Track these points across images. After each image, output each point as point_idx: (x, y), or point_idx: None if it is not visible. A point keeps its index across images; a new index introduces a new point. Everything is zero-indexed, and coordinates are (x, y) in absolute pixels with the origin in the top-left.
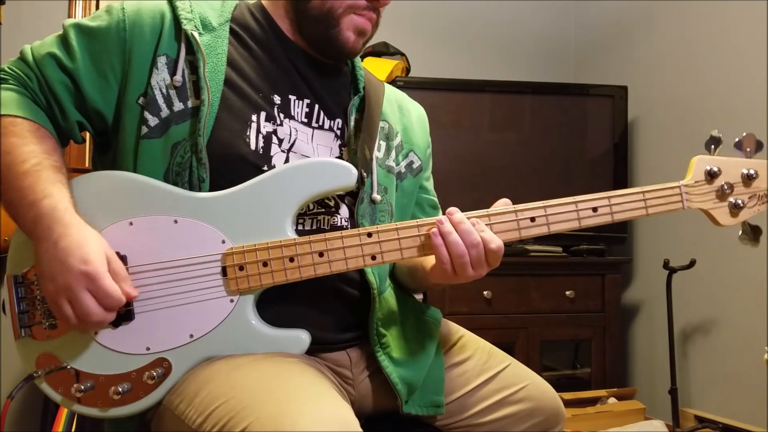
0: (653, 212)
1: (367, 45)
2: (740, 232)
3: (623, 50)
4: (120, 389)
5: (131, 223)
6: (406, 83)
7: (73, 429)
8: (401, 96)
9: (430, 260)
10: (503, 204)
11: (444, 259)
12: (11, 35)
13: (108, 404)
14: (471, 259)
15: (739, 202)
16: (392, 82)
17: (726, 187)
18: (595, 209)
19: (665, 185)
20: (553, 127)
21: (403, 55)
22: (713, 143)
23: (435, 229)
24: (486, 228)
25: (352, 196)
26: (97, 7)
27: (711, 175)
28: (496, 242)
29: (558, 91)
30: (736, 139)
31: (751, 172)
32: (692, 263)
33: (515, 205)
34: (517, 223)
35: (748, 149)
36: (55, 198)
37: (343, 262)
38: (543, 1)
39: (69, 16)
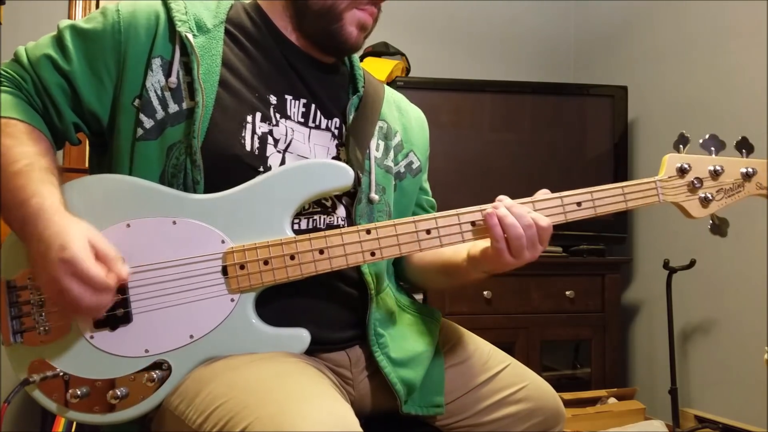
0: (632, 206)
1: (366, 44)
2: (710, 224)
3: (623, 50)
4: (118, 393)
5: (128, 225)
6: (406, 83)
7: (72, 430)
8: (399, 97)
9: (461, 254)
10: (543, 194)
11: (501, 244)
12: (11, 35)
13: (106, 410)
14: (527, 240)
15: (709, 195)
16: (392, 82)
17: (696, 182)
18: (579, 204)
19: (642, 180)
20: (553, 127)
21: (403, 55)
22: (681, 142)
23: (490, 211)
24: (531, 210)
25: (349, 196)
26: (97, 7)
27: (682, 171)
28: (545, 220)
29: (558, 91)
30: (700, 140)
31: (718, 168)
32: (692, 263)
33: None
34: None
35: (712, 148)
36: (43, 196)
37: (343, 258)
38: (543, 1)
39: (69, 16)
